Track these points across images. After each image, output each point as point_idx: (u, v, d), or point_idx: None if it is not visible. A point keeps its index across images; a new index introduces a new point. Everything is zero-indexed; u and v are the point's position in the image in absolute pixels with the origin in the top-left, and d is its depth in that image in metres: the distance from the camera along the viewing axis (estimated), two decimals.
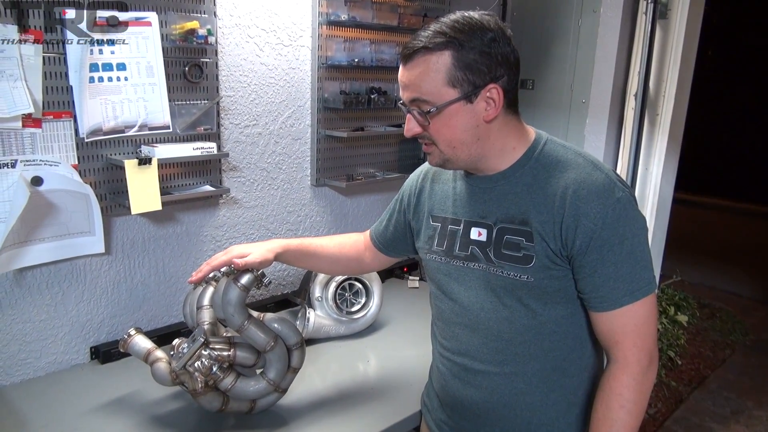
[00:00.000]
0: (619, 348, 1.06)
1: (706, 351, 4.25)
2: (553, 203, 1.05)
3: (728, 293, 5.44)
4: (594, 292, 1.05)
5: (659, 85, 2.19)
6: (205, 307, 1.48)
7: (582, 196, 1.03)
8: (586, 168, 1.06)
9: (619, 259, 1.02)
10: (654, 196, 2.28)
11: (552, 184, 1.07)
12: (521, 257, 1.08)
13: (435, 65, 1.01)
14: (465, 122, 1.04)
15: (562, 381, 1.14)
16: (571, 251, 1.04)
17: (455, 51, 1.00)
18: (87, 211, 1.56)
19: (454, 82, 1.01)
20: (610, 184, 1.04)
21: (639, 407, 1.06)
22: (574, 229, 1.03)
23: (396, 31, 2.16)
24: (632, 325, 1.04)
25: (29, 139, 1.44)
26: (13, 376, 1.56)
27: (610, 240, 1.02)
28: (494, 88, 1.03)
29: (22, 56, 1.38)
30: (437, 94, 1.02)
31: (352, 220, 2.32)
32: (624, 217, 1.03)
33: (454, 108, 1.03)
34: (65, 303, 1.62)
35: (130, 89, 1.56)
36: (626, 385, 1.05)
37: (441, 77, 1.01)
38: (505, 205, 1.11)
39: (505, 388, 1.15)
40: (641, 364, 1.05)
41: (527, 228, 1.07)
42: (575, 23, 2.29)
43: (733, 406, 3.51)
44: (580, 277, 1.06)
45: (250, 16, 1.83)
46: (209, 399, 1.34)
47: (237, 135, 1.89)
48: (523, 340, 1.12)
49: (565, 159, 1.09)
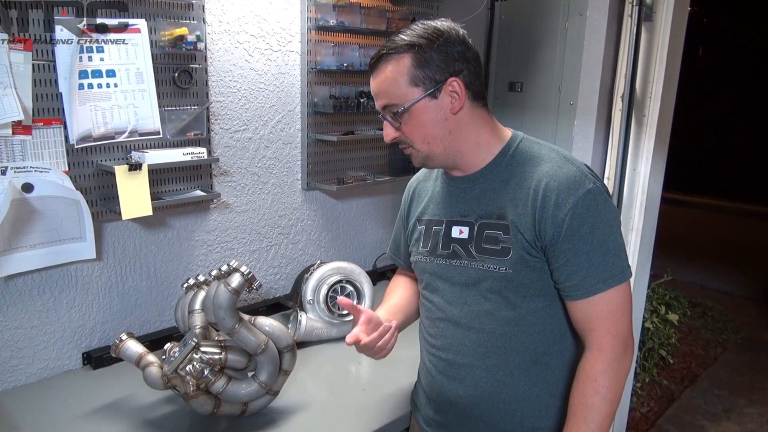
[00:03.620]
0: (593, 335, 1.09)
1: (697, 349, 4.28)
2: (527, 196, 1.10)
3: (720, 292, 5.48)
4: (567, 281, 1.08)
5: (646, 87, 2.21)
6: (197, 311, 1.49)
7: (553, 188, 1.07)
8: (558, 161, 1.11)
9: (591, 248, 1.06)
10: (642, 195, 2.30)
11: (526, 178, 1.11)
12: (499, 250, 1.12)
13: (396, 69, 1.09)
14: (433, 117, 1.11)
15: (544, 374, 1.16)
16: (544, 241, 1.08)
17: (413, 53, 1.08)
18: (78, 217, 1.56)
19: (416, 81, 1.09)
20: (581, 176, 1.08)
21: (614, 393, 1.08)
22: (546, 220, 1.07)
23: (385, 35, 2.18)
24: (606, 313, 1.08)
25: (19, 146, 1.45)
26: (5, 383, 1.56)
27: (580, 230, 1.06)
28: (455, 81, 1.10)
29: (11, 64, 1.39)
30: (403, 96, 1.09)
31: (343, 223, 2.34)
32: (594, 207, 1.07)
33: (420, 105, 1.10)
34: (57, 309, 1.62)
35: (120, 95, 1.57)
36: (601, 372, 1.08)
37: (403, 79, 1.09)
38: (484, 202, 1.16)
39: (487, 382, 1.17)
40: (616, 351, 1.08)
41: (504, 221, 1.12)
42: (562, 26, 2.31)
43: (725, 403, 3.54)
44: (555, 267, 1.09)
45: (239, 22, 1.84)
46: (201, 402, 1.35)
47: (227, 140, 1.90)
48: (504, 332, 1.14)
49: (539, 154, 1.14)
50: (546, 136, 2.40)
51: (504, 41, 2.58)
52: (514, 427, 1.18)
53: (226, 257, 1.97)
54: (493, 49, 2.61)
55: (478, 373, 1.18)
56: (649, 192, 2.29)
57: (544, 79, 2.42)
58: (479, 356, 1.17)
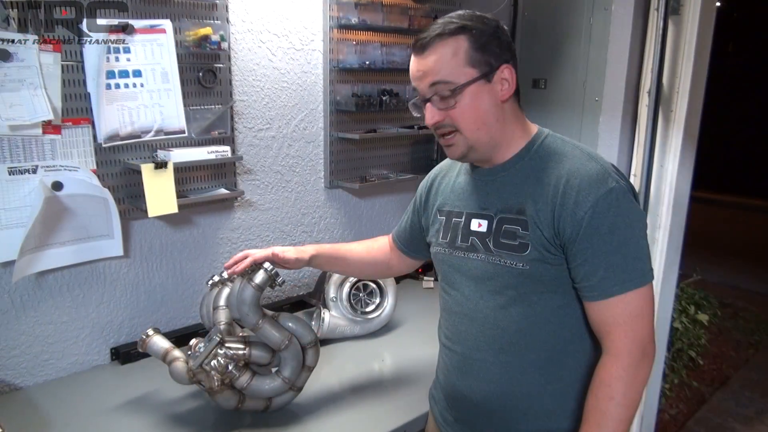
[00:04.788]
0: (610, 339, 1.06)
1: (728, 351, 4.18)
2: (548, 192, 1.07)
3: (752, 292, 5.35)
4: (585, 281, 1.06)
5: (673, 81, 2.17)
6: (221, 308, 1.50)
7: (574, 185, 1.05)
8: (582, 159, 1.09)
9: (610, 249, 1.03)
10: (670, 193, 2.25)
11: (548, 174, 1.09)
12: (517, 245, 1.10)
13: (454, 48, 1.06)
14: (486, 102, 1.09)
15: (560, 373, 1.14)
16: (563, 239, 1.06)
17: (470, 35, 1.07)
18: (106, 215, 1.59)
19: (473, 62, 1.07)
20: (603, 174, 1.05)
21: (628, 400, 1.04)
22: (565, 218, 1.05)
23: (406, 33, 2.18)
24: (624, 316, 1.04)
25: (49, 146, 1.48)
26: (37, 377, 1.60)
27: (600, 229, 1.03)
28: (507, 68, 1.09)
29: (41, 65, 1.42)
30: (459, 74, 1.07)
31: (366, 221, 2.34)
32: (616, 206, 1.03)
33: (475, 87, 1.07)
34: (86, 305, 1.66)
35: (146, 95, 1.60)
36: (616, 377, 1.04)
37: (461, 58, 1.06)
38: (505, 196, 1.14)
39: (501, 378, 1.16)
40: (632, 356, 1.04)
41: (523, 217, 1.10)
42: (587, 21, 2.28)
43: (757, 406, 3.45)
44: (573, 266, 1.07)
45: (261, 21, 1.86)
46: (225, 397, 1.36)
47: (251, 138, 1.92)
48: (519, 329, 1.13)
49: (562, 151, 1.12)
50: (571, 133, 2.37)
51: (527, 37, 2.55)
52: (528, 426, 1.16)
53: None
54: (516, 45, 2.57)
55: (492, 368, 1.16)
56: (677, 189, 2.24)
57: (569, 76, 2.39)
58: (493, 352, 1.16)
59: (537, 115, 2.48)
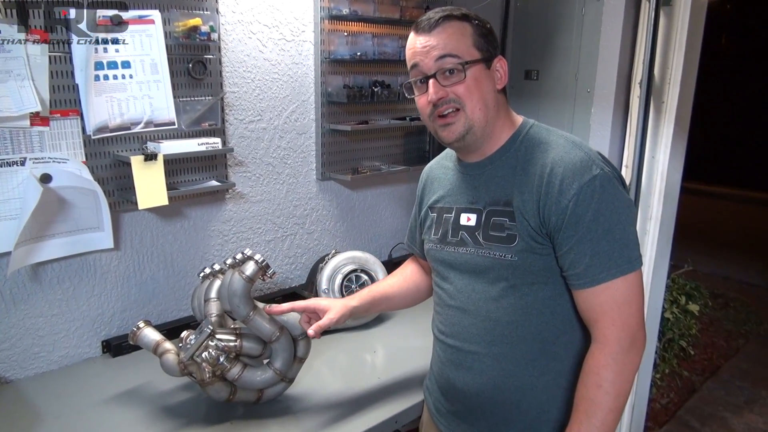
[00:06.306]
0: (598, 327, 1.06)
1: (719, 341, 4.22)
2: (533, 182, 1.08)
3: (743, 283, 5.39)
4: (572, 269, 1.06)
5: (665, 73, 2.17)
6: (212, 300, 1.50)
7: (558, 174, 1.05)
8: (566, 147, 1.10)
9: (596, 236, 1.03)
10: (661, 183, 2.26)
11: (533, 164, 1.10)
12: (505, 237, 1.11)
13: (462, 29, 1.12)
14: (488, 85, 1.13)
15: (553, 365, 1.15)
16: (549, 228, 1.07)
17: (473, 23, 1.13)
18: (96, 207, 1.58)
19: (478, 45, 1.12)
20: (587, 162, 1.06)
21: (617, 388, 1.04)
22: (550, 206, 1.05)
23: (398, 24, 2.17)
24: (611, 303, 1.04)
25: (38, 137, 1.47)
26: (27, 369, 1.60)
27: (584, 216, 1.03)
28: (501, 60, 1.16)
29: (28, 56, 1.41)
30: (467, 52, 1.11)
31: (358, 213, 2.34)
32: (600, 194, 1.04)
33: (479, 68, 1.12)
34: (77, 298, 1.65)
35: (135, 87, 1.59)
36: (604, 365, 1.04)
37: (468, 39, 1.11)
38: (492, 189, 1.15)
39: (494, 370, 1.16)
40: (621, 344, 1.04)
41: (510, 208, 1.11)
42: (579, 12, 2.28)
43: (747, 395, 3.49)
44: (560, 254, 1.07)
45: (252, 12, 1.84)
46: (217, 389, 1.36)
47: (242, 130, 1.91)
48: (510, 321, 1.13)
49: (547, 140, 1.13)
50: (563, 124, 2.37)
51: (519, 28, 2.55)
52: (521, 417, 1.17)
53: (241, 247, 1.99)
54: (508, 36, 2.58)
55: (484, 360, 1.17)
56: (668, 180, 2.25)
57: (561, 67, 2.38)
58: (486, 344, 1.16)
59: (529, 106, 2.49)
